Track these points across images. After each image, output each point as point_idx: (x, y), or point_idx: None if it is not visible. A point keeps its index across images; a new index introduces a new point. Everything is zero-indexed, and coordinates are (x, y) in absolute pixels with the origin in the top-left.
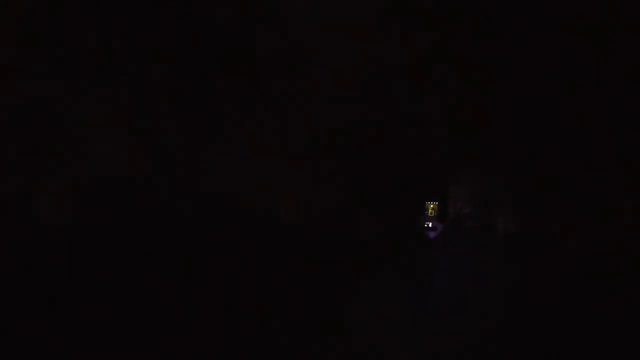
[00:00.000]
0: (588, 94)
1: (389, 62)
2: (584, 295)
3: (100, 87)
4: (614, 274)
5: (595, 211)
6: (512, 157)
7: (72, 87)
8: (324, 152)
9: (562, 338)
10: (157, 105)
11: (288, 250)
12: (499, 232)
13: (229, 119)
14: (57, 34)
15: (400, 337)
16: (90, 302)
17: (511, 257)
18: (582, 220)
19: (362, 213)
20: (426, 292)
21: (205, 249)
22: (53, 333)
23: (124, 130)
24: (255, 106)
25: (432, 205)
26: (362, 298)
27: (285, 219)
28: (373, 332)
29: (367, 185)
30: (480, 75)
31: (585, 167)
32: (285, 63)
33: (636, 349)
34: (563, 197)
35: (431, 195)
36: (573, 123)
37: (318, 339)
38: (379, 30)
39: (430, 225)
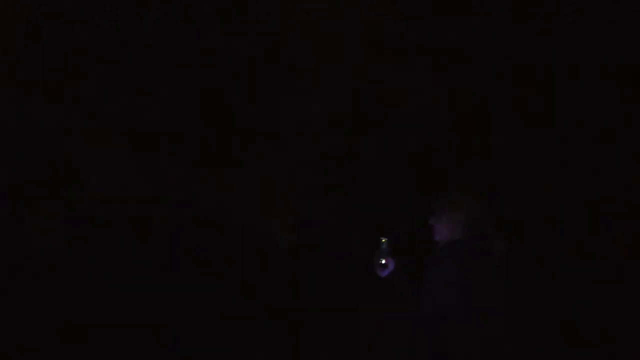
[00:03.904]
0: (578, 113)
1: (380, 91)
2: (580, 312)
3: (97, 112)
4: (609, 292)
5: (589, 229)
6: (502, 179)
7: (69, 114)
8: (318, 173)
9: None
10: (154, 130)
11: (283, 268)
12: (494, 254)
13: (225, 142)
14: (57, 61)
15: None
16: (83, 326)
17: (507, 278)
18: (577, 239)
19: (354, 232)
20: (421, 315)
21: (201, 270)
22: (45, 354)
23: (120, 153)
24: (250, 128)
25: (384, 240)
26: (357, 316)
27: (280, 238)
28: (367, 350)
29: (360, 204)
30: (471, 98)
31: (577, 187)
32: (280, 85)
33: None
34: (557, 216)
35: (385, 230)
36: (562, 142)
37: (312, 354)
38: (372, 55)
39: (383, 262)
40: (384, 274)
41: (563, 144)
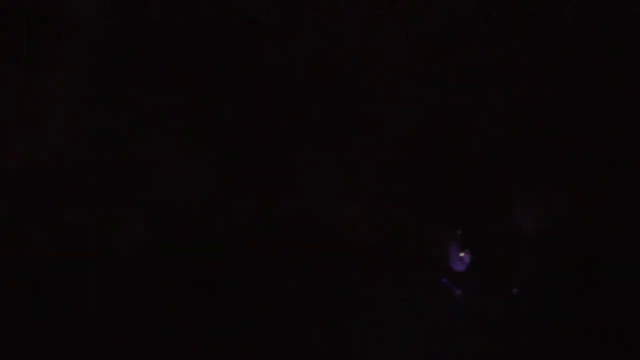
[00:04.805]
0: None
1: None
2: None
3: (172, 116)
4: None
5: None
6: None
7: (145, 119)
8: (392, 173)
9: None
10: (229, 132)
11: (357, 268)
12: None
13: (300, 143)
14: (132, 68)
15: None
16: (168, 328)
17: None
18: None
19: (430, 231)
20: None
21: (279, 270)
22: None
23: (198, 157)
24: (325, 130)
25: (459, 232)
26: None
27: (357, 238)
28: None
29: (434, 202)
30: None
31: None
32: (352, 89)
33: None
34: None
35: (459, 223)
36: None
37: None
38: (438, 55)
39: (462, 255)
40: (461, 267)
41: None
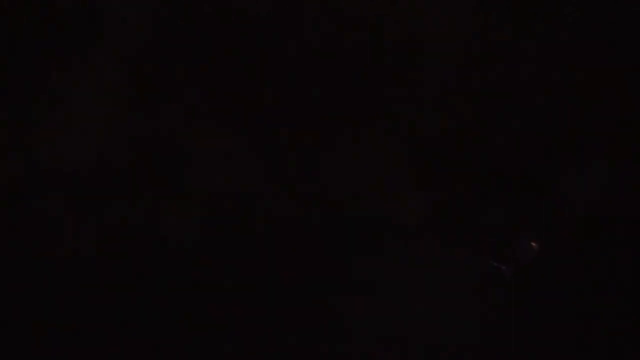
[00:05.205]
0: None
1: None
2: None
3: (213, 104)
4: None
5: None
6: None
7: (191, 111)
8: (441, 154)
9: None
10: (272, 120)
11: (409, 251)
12: None
13: (345, 123)
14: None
15: None
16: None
17: None
18: None
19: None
20: None
21: (326, 255)
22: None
23: (238, 144)
24: (372, 109)
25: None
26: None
27: (404, 220)
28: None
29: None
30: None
31: None
32: (400, 66)
33: None
34: None
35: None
36: None
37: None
38: (484, 30)
39: (533, 244)
40: (529, 257)
41: None
